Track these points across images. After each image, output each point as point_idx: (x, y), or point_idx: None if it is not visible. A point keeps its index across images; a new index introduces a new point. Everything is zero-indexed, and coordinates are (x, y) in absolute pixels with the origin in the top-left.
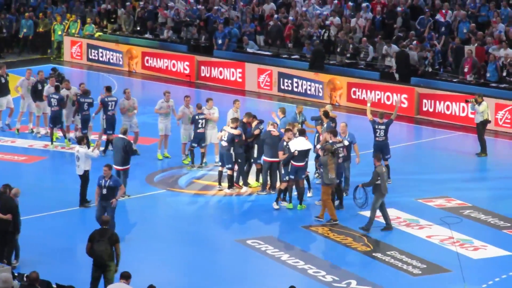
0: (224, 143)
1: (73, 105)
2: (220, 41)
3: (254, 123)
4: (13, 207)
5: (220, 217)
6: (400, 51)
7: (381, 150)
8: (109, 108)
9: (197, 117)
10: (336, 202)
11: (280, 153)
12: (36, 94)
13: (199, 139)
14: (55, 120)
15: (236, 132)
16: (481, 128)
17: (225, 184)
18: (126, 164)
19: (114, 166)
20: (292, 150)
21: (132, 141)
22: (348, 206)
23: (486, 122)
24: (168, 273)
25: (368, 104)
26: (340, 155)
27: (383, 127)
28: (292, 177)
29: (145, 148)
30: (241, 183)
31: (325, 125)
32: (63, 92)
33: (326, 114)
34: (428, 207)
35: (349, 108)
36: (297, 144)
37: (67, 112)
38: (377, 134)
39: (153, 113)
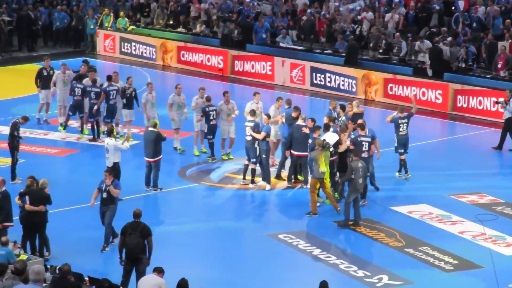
0: (249, 138)
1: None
2: (264, 35)
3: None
4: (45, 198)
5: (252, 211)
6: (433, 46)
7: (404, 144)
8: (111, 97)
9: (207, 109)
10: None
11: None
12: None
13: (213, 131)
14: (76, 109)
15: (258, 136)
16: (509, 125)
17: (249, 177)
18: (156, 156)
19: (145, 158)
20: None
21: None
22: (380, 201)
23: None
24: (200, 267)
25: (412, 97)
26: (364, 150)
27: (405, 120)
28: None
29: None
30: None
31: (342, 118)
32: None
33: (342, 107)
34: (460, 203)
35: (384, 104)
36: (329, 138)
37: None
38: (400, 129)
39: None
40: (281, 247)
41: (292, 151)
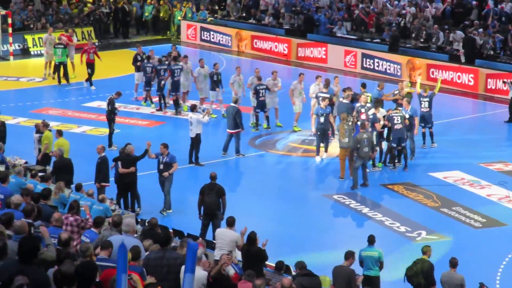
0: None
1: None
2: (323, 27)
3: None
4: (133, 161)
5: (311, 176)
6: (467, 36)
7: (425, 119)
8: (175, 74)
9: (258, 87)
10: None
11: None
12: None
13: (262, 106)
14: (148, 85)
15: None
16: None
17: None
18: (237, 128)
19: (227, 130)
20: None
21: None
22: (420, 167)
23: None
24: (264, 223)
25: (418, 80)
26: (397, 122)
27: (427, 99)
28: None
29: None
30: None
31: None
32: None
33: (363, 85)
34: (488, 170)
35: (425, 86)
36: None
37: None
38: (422, 106)
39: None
40: (335, 206)
41: None
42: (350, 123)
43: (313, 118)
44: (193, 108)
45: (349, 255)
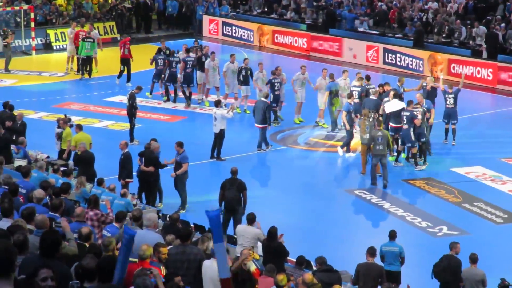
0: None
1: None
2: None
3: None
4: (154, 160)
5: (333, 171)
6: (489, 32)
7: (450, 115)
8: (188, 66)
9: (273, 81)
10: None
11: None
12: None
13: (277, 100)
14: (158, 77)
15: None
16: None
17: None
18: (264, 123)
19: (255, 124)
20: (387, 112)
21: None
22: (441, 163)
23: None
24: (286, 217)
25: (441, 76)
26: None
27: (452, 95)
28: (392, 133)
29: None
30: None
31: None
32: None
33: (367, 77)
34: (510, 165)
35: (447, 81)
36: (391, 106)
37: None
38: (447, 102)
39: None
40: (357, 201)
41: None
42: (371, 119)
43: (343, 114)
44: (217, 104)
45: (374, 251)
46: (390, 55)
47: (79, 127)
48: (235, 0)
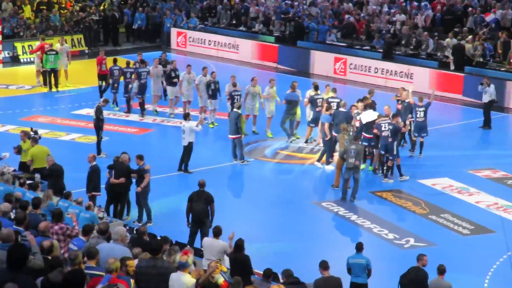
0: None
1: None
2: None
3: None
4: (126, 172)
5: (300, 183)
6: (456, 44)
7: (420, 128)
8: (142, 77)
9: (233, 93)
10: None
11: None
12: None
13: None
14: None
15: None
16: (488, 106)
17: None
18: (237, 134)
19: (229, 136)
20: (364, 122)
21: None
22: (409, 175)
23: (493, 101)
24: (254, 229)
25: (410, 89)
26: (384, 129)
27: (422, 109)
28: (365, 143)
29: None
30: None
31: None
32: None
33: (315, 87)
34: (477, 177)
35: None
36: (367, 116)
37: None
38: (418, 115)
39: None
40: (324, 213)
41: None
42: (350, 133)
43: (326, 125)
44: (185, 117)
45: (327, 265)
46: (357, 66)
47: (35, 140)
48: (203, 12)
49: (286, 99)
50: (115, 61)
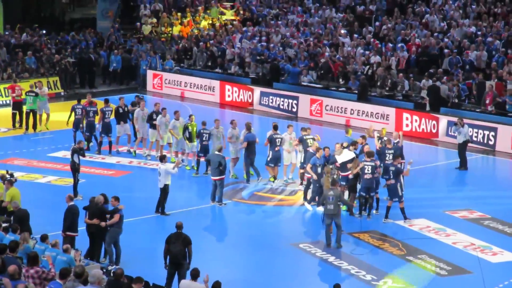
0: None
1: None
2: (289, 76)
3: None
4: (100, 213)
5: (277, 224)
6: (432, 85)
7: (388, 171)
8: (106, 116)
9: (202, 131)
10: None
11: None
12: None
13: (205, 150)
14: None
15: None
16: (463, 147)
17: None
18: (221, 175)
19: (212, 177)
20: (339, 162)
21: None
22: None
23: (467, 142)
24: (231, 271)
25: (376, 134)
26: (367, 172)
27: (391, 151)
28: (343, 183)
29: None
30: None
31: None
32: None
33: (275, 127)
34: (454, 218)
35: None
36: (343, 157)
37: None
38: (387, 158)
39: None
40: (302, 254)
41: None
42: (335, 176)
43: (308, 166)
44: (162, 159)
45: None
46: (332, 108)
47: (10, 183)
48: (179, 54)
49: (246, 140)
50: (78, 100)
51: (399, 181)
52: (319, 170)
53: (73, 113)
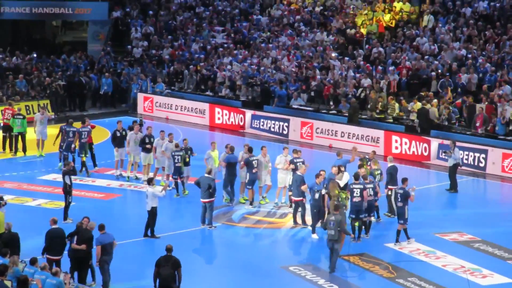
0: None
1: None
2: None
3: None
4: (88, 239)
5: (267, 247)
6: (421, 107)
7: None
8: (83, 136)
9: (174, 153)
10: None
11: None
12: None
13: (178, 171)
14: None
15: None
16: (453, 170)
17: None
18: (211, 197)
19: (201, 200)
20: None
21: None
22: (376, 239)
23: (458, 165)
24: None
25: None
26: (356, 195)
27: (379, 171)
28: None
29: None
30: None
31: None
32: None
33: (250, 149)
34: (444, 240)
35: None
36: (344, 180)
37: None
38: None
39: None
40: (292, 277)
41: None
42: (340, 199)
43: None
44: (149, 182)
45: None
46: (323, 131)
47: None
48: (169, 77)
49: (226, 161)
50: (68, 122)
51: (406, 204)
52: (316, 196)
53: (60, 134)
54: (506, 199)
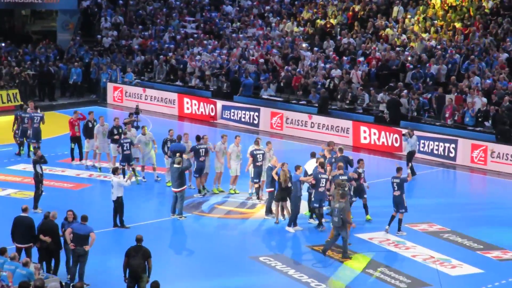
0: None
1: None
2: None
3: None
4: (54, 229)
5: (237, 237)
6: (391, 98)
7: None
8: (35, 121)
9: (122, 141)
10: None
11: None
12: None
13: (127, 159)
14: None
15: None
16: (410, 157)
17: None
18: (181, 187)
19: (172, 189)
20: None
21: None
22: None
23: (413, 152)
24: (191, 285)
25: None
26: (321, 185)
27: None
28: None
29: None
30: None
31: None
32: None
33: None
34: (413, 230)
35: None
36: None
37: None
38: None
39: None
40: (261, 268)
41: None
42: (346, 189)
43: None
44: (114, 171)
45: None
46: (293, 121)
47: None
48: (139, 67)
49: (171, 150)
50: (22, 108)
51: (403, 192)
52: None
53: (16, 121)
54: (475, 190)
